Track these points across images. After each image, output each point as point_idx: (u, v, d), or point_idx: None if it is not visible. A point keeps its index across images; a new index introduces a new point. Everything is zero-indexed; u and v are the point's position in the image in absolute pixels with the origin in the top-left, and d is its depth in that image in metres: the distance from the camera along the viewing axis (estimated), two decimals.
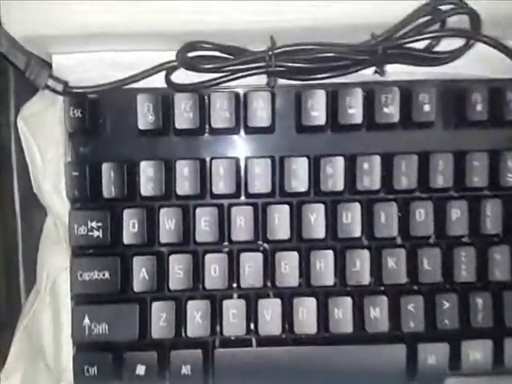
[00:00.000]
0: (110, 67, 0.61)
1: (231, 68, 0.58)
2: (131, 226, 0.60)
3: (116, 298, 0.62)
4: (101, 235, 0.60)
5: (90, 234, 0.60)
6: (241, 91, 0.61)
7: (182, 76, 0.61)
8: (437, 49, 0.60)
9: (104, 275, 0.61)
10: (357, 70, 0.59)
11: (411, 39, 0.58)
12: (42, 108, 0.62)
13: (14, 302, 0.65)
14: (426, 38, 0.58)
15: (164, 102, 0.60)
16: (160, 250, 0.62)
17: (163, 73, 0.60)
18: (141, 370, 0.61)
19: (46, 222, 0.65)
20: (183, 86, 0.60)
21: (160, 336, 0.61)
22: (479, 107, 0.61)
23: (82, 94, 0.60)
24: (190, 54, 0.59)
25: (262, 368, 0.62)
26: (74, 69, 0.61)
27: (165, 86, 0.60)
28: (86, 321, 0.61)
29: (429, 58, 0.60)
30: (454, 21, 0.58)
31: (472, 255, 0.61)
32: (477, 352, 0.62)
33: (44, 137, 0.62)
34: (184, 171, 0.60)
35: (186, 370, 0.61)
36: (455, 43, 0.59)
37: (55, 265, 0.63)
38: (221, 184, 0.60)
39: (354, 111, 0.60)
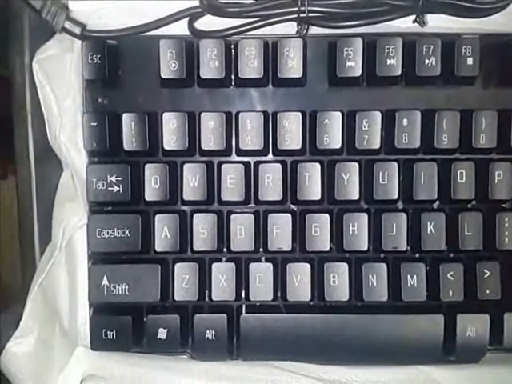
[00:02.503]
0: (128, 15, 0.61)
1: (259, 13, 0.58)
2: (153, 182, 0.61)
3: (136, 258, 0.62)
4: (121, 190, 0.61)
5: (110, 189, 0.61)
6: (270, 41, 0.60)
7: (207, 24, 0.61)
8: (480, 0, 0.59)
9: (124, 233, 0.61)
10: (396, 18, 0.58)
11: None
12: (59, 53, 0.62)
13: (29, 259, 0.65)
14: None
15: (188, 49, 0.59)
16: (183, 209, 0.62)
17: (186, 21, 0.60)
18: (162, 333, 0.62)
19: (62, 176, 0.65)
20: (208, 32, 0.59)
21: (183, 299, 0.62)
22: None
23: (102, 38, 0.60)
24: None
25: (290, 336, 0.62)
26: (90, 16, 0.62)
27: (188, 34, 0.60)
28: (105, 281, 0.62)
29: (472, 8, 0.58)
30: None
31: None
32: None
33: (61, 84, 0.62)
34: (209, 125, 0.60)
35: (210, 334, 0.62)
36: None
37: (71, 221, 0.63)
38: (247, 139, 0.60)
39: (394, 62, 0.59)
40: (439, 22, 0.61)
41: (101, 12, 0.62)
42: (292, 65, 0.59)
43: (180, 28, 0.60)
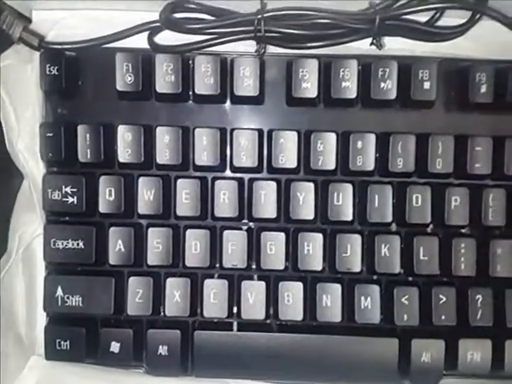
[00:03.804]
0: (92, 26, 0.63)
1: (216, 30, 0.60)
2: (107, 194, 0.63)
3: (91, 270, 0.64)
4: (75, 202, 0.63)
5: (65, 199, 0.63)
6: (228, 58, 0.62)
7: (169, 39, 0.63)
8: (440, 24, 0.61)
9: (78, 245, 0.64)
10: (352, 40, 0.60)
11: (412, 9, 0.58)
12: (19, 63, 0.64)
13: None
14: (428, 9, 0.59)
15: (145, 63, 0.61)
16: (138, 222, 0.64)
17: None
18: (115, 347, 0.64)
19: (23, 185, 0.67)
20: (165, 47, 0.61)
21: (136, 313, 0.64)
22: (484, 89, 0.61)
23: (59, 50, 0.62)
24: (176, 15, 0.61)
25: (244, 354, 0.64)
26: (53, 25, 0.64)
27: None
28: (59, 292, 0.64)
29: (431, 32, 0.60)
30: None
31: (472, 247, 0.62)
32: (475, 352, 0.63)
33: (20, 93, 0.64)
34: (165, 139, 0.62)
35: (163, 350, 0.64)
36: (458, 21, 0.61)
37: (28, 230, 0.66)
38: (204, 155, 0.62)
39: (349, 84, 0.61)
40: (402, 45, 0.63)
41: (64, 22, 0.64)
42: (248, 83, 0.61)
43: (143, 42, 0.63)
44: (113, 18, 0.63)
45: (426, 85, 0.60)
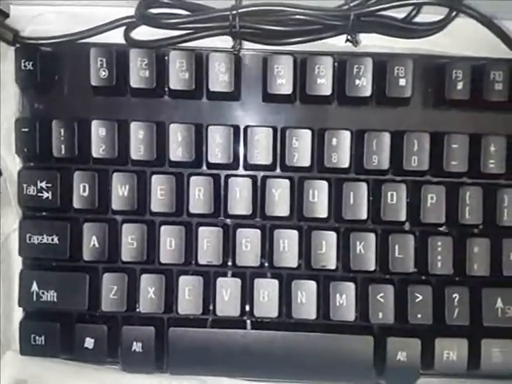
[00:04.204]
0: (70, 21, 0.64)
1: (191, 25, 0.60)
2: (82, 190, 0.63)
3: (65, 265, 0.65)
4: (50, 197, 0.63)
5: (40, 194, 0.63)
6: (204, 53, 0.63)
7: (147, 34, 0.63)
8: (417, 21, 0.62)
9: (53, 240, 0.64)
10: (327, 37, 0.60)
11: (387, 6, 0.59)
12: None
13: None
14: (403, 6, 0.59)
15: (119, 58, 0.62)
16: (113, 218, 0.64)
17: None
18: (89, 343, 0.65)
19: (1, 180, 0.68)
20: (140, 42, 0.62)
21: (111, 309, 0.64)
22: (460, 86, 0.62)
23: (34, 45, 0.62)
24: (152, 11, 0.62)
25: (219, 351, 0.64)
26: (31, 20, 0.64)
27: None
28: (34, 287, 0.64)
29: (407, 28, 0.61)
30: None
31: (449, 246, 0.62)
32: (451, 351, 0.63)
33: None
34: (139, 134, 0.62)
35: (137, 347, 0.64)
36: (436, 17, 0.61)
37: (5, 226, 0.66)
38: (179, 151, 0.62)
39: (324, 81, 0.62)
40: (379, 42, 0.63)
41: (41, 17, 0.64)
42: (223, 79, 0.61)
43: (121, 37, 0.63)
44: (90, 14, 0.64)
45: (402, 82, 0.61)
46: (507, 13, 0.62)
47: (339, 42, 0.62)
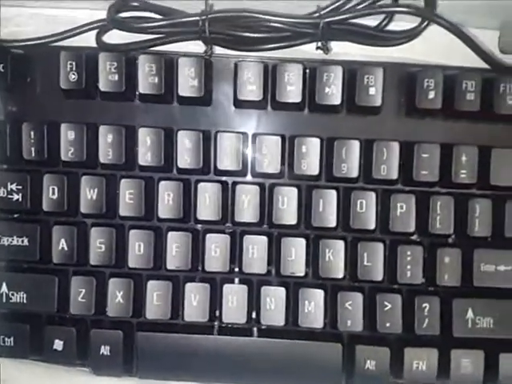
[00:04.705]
0: (44, 24, 0.65)
1: (161, 30, 0.61)
2: (51, 193, 0.63)
3: (35, 267, 0.65)
4: (20, 199, 0.64)
5: (10, 197, 0.64)
6: (174, 58, 0.63)
7: (122, 38, 0.64)
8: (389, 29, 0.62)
9: (23, 242, 0.64)
10: (298, 44, 0.61)
11: (358, 13, 0.59)
12: None
13: None
14: (374, 13, 0.60)
15: (89, 62, 0.62)
16: (83, 221, 0.65)
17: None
18: (59, 345, 0.65)
19: None
20: (111, 46, 0.62)
21: (79, 312, 0.64)
22: (432, 95, 0.62)
23: (5, 47, 0.63)
24: (126, 15, 0.63)
25: (187, 356, 0.65)
26: (7, 23, 0.65)
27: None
28: (4, 288, 0.65)
29: (379, 37, 0.61)
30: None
31: (419, 255, 0.63)
32: (421, 361, 0.64)
33: None
34: (108, 138, 0.63)
35: (105, 350, 0.65)
36: (409, 26, 0.62)
37: None
38: (148, 155, 0.63)
39: (294, 88, 0.62)
40: (351, 50, 0.64)
41: (18, 19, 0.65)
42: (193, 84, 0.61)
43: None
44: (63, 17, 0.65)
45: (372, 90, 0.61)
46: (478, 22, 0.61)
47: (312, 49, 0.62)
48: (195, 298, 0.64)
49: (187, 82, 0.62)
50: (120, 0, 0.60)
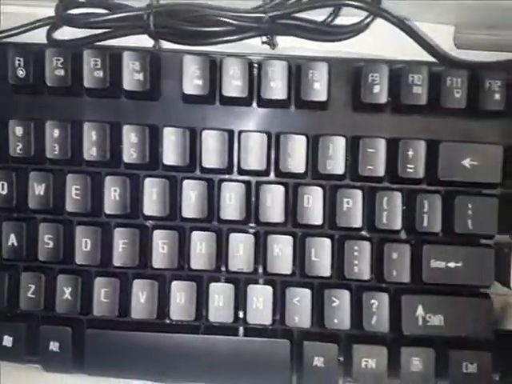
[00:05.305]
0: (4, 21, 0.66)
1: (108, 24, 0.62)
2: (0, 188, 0.65)
3: None
4: None
5: None
6: (122, 52, 0.63)
7: (72, 34, 0.65)
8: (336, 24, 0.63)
9: None
10: (242, 38, 0.61)
11: (302, 7, 0.60)
12: None
13: None
14: (320, 7, 0.60)
15: (37, 57, 0.63)
16: (31, 217, 0.66)
17: None
18: (8, 341, 0.66)
19: None
20: (59, 41, 0.63)
21: (28, 308, 0.65)
22: (377, 89, 0.62)
23: None
24: (76, 11, 0.64)
25: (134, 353, 0.65)
26: None
27: None
28: None
29: (325, 31, 0.62)
30: None
31: (367, 251, 0.63)
32: (370, 359, 0.64)
33: None
34: (54, 133, 0.64)
35: (54, 346, 0.65)
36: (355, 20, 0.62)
37: None
38: (93, 150, 0.64)
39: (240, 83, 0.62)
40: (300, 44, 0.65)
41: None
42: (138, 78, 0.62)
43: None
44: (24, 14, 0.66)
45: (316, 85, 0.61)
46: (435, 17, 0.63)
47: (259, 44, 0.62)
48: (143, 295, 0.64)
49: (132, 76, 0.62)
50: None
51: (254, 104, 0.64)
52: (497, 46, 0.65)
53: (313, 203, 0.63)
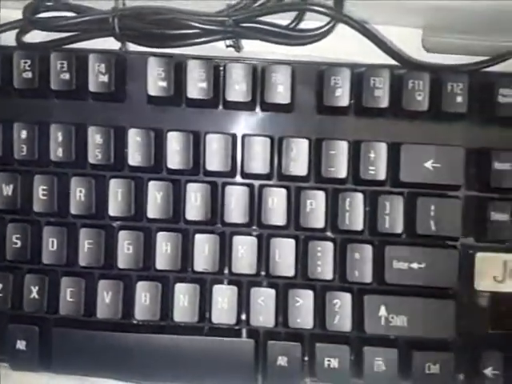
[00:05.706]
0: None
1: (75, 27, 0.63)
2: None
3: None
4: None
5: None
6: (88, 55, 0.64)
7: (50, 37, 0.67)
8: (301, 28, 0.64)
9: None
10: (207, 41, 0.63)
11: (265, 11, 0.61)
12: None
13: None
14: (282, 11, 0.62)
15: (5, 60, 0.65)
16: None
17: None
18: None
19: None
20: (29, 44, 0.65)
21: None
22: (339, 92, 0.64)
23: None
24: (46, 14, 0.65)
25: (100, 352, 0.66)
26: None
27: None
28: None
29: (289, 35, 0.63)
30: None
31: (330, 251, 0.65)
32: (332, 358, 0.65)
33: None
34: (22, 134, 0.65)
35: (21, 345, 0.66)
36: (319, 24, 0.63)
37: None
38: (60, 152, 0.65)
39: (204, 85, 0.63)
40: (265, 48, 0.66)
41: None
42: (103, 80, 0.63)
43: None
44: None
45: (280, 88, 0.62)
46: (402, 20, 0.65)
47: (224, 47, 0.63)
48: (107, 295, 0.65)
49: (97, 78, 0.63)
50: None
51: (220, 107, 0.65)
52: (466, 50, 0.66)
53: (277, 204, 0.64)
